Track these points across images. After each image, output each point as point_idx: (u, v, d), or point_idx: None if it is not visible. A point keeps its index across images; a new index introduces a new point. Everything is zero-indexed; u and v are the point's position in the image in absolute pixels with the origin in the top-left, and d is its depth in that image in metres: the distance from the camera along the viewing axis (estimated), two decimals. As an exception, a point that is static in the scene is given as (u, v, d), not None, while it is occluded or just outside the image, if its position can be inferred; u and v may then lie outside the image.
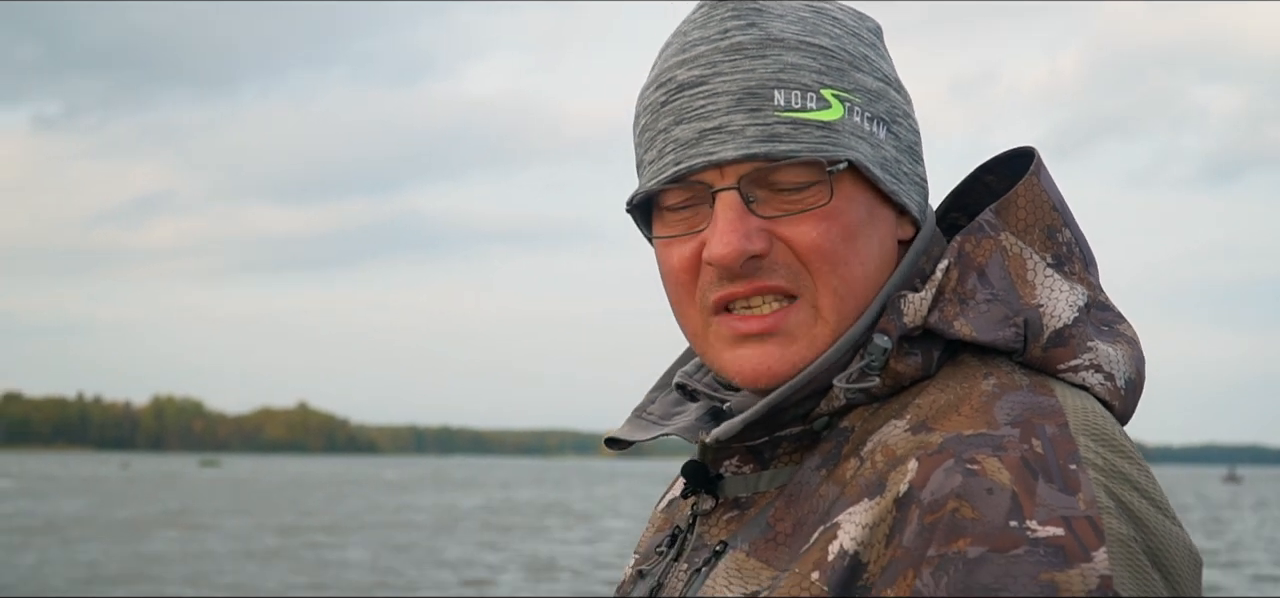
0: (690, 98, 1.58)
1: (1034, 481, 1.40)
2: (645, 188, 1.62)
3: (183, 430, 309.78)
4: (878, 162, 1.61)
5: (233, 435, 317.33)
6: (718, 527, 1.63)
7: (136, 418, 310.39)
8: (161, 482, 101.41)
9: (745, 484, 1.63)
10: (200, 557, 34.50)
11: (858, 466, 1.52)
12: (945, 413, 1.50)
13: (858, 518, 1.46)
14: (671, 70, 1.61)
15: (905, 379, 1.57)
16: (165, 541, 39.75)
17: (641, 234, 1.71)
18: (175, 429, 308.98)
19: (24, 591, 26.83)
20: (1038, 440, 1.44)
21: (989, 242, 1.60)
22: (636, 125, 1.66)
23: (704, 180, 1.58)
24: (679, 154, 1.58)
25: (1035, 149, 1.68)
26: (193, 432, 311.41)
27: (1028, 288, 1.59)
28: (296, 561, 33.80)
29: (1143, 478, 1.48)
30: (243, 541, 40.23)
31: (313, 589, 27.86)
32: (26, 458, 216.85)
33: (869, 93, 1.62)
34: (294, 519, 51.09)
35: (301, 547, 38.19)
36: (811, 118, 1.57)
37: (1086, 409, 1.51)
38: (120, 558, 33.70)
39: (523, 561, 35.13)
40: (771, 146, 1.55)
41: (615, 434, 1.76)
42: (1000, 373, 1.54)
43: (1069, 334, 1.57)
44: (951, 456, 1.44)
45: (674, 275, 1.62)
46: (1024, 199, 1.62)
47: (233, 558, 34.22)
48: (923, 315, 1.56)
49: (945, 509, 1.40)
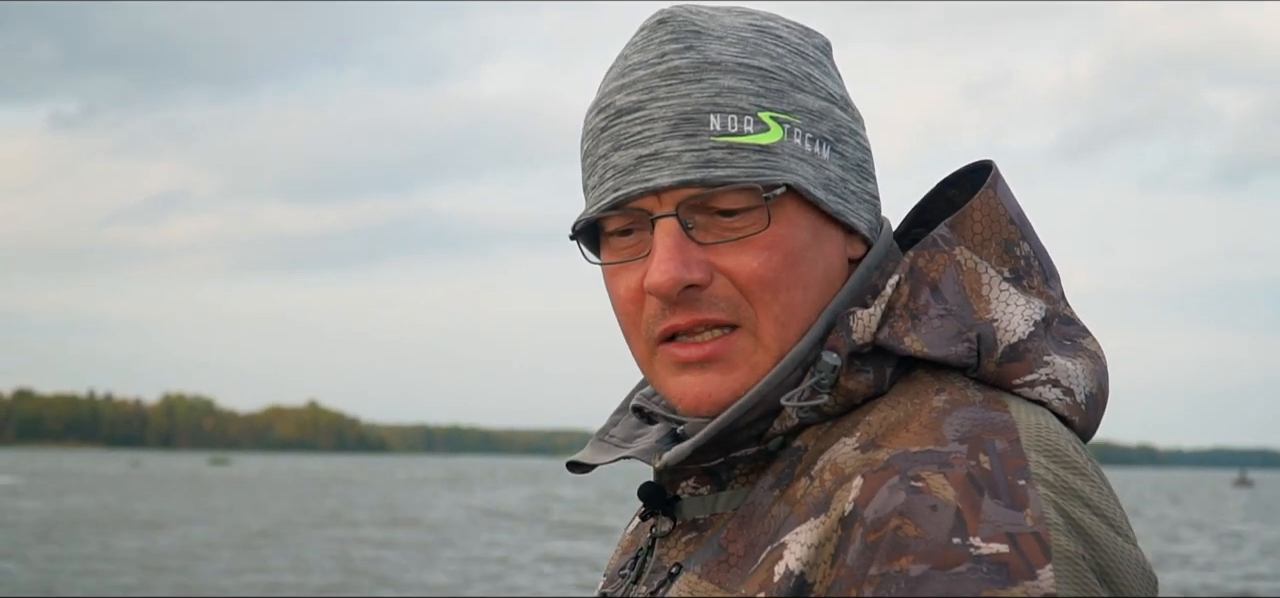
0: (628, 123, 1.58)
1: (980, 497, 1.39)
2: (586, 215, 1.62)
3: (193, 428, 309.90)
4: (820, 183, 1.59)
5: (243, 434, 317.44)
6: (676, 548, 1.63)
7: (147, 416, 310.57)
8: (186, 480, 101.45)
9: (703, 506, 1.62)
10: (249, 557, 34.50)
11: (808, 484, 1.50)
12: (894, 430, 1.49)
13: (804, 538, 1.45)
14: (611, 95, 1.61)
15: (857, 397, 1.55)
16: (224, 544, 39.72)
17: (586, 260, 1.69)
18: (186, 427, 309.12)
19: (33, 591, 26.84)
20: (986, 456, 1.43)
21: (942, 256, 1.58)
22: (581, 148, 1.66)
23: (643, 207, 1.57)
24: (617, 180, 1.57)
25: (993, 162, 1.66)
26: (203, 430, 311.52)
27: (982, 303, 1.57)
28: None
29: (1096, 495, 1.47)
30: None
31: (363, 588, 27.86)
32: (37, 455, 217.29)
33: (810, 113, 1.60)
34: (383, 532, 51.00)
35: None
36: (748, 142, 1.55)
37: (1040, 425, 1.49)
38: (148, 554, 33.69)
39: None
40: (707, 172, 1.54)
41: (577, 458, 1.75)
42: (953, 389, 1.52)
43: (1025, 349, 1.56)
44: (896, 473, 1.42)
45: (620, 303, 1.62)
46: (980, 213, 1.61)
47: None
48: (872, 332, 1.54)
49: (888, 527, 1.39)
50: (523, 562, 34.63)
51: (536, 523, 51.41)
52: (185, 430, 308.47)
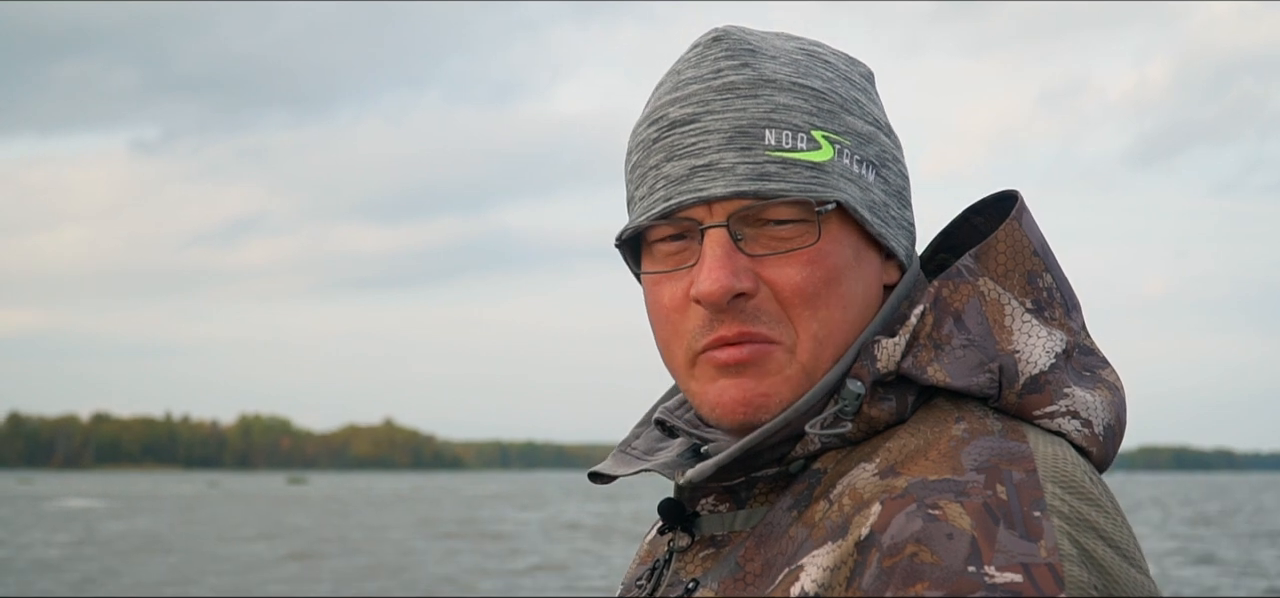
0: (681, 135, 1.60)
1: (995, 526, 1.40)
2: (635, 223, 1.63)
3: (270, 449, 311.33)
4: (866, 204, 1.61)
5: (320, 453, 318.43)
6: (693, 564, 1.65)
7: (224, 437, 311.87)
8: (282, 501, 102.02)
9: (721, 523, 1.64)
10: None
11: (826, 508, 1.52)
12: (913, 457, 1.50)
13: (820, 561, 1.47)
14: (664, 108, 1.63)
15: (879, 424, 1.57)
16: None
17: (629, 269, 1.72)
18: (262, 447, 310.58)
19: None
20: (1002, 486, 1.44)
21: (966, 287, 1.60)
22: (628, 161, 1.68)
23: (693, 217, 1.59)
24: (669, 190, 1.59)
25: (1018, 192, 1.68)
26: (280, 450, 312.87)
27: (1005, 334, 1.59)
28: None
29: (1110, 527, 1.48)
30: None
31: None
32: (115, 477, 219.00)
33: (859, 136, 1.63)
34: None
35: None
36: (802, 158, 1.58)
37: (1057, 457, 1.51)
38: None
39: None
40: (761, 184, 1.56)
41: (599, 469, 1.77)
42: (972, 418, 1.55)
43: (1045, 380, 1.58)
44: (914, 500, 1.43)
45: (663, 312, 1.64)
46: (1004, 244, 1.63)
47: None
48: (896, 361, 1.57)
49: (904, 553, 1.40)
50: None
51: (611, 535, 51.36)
52: (262, 451, 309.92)
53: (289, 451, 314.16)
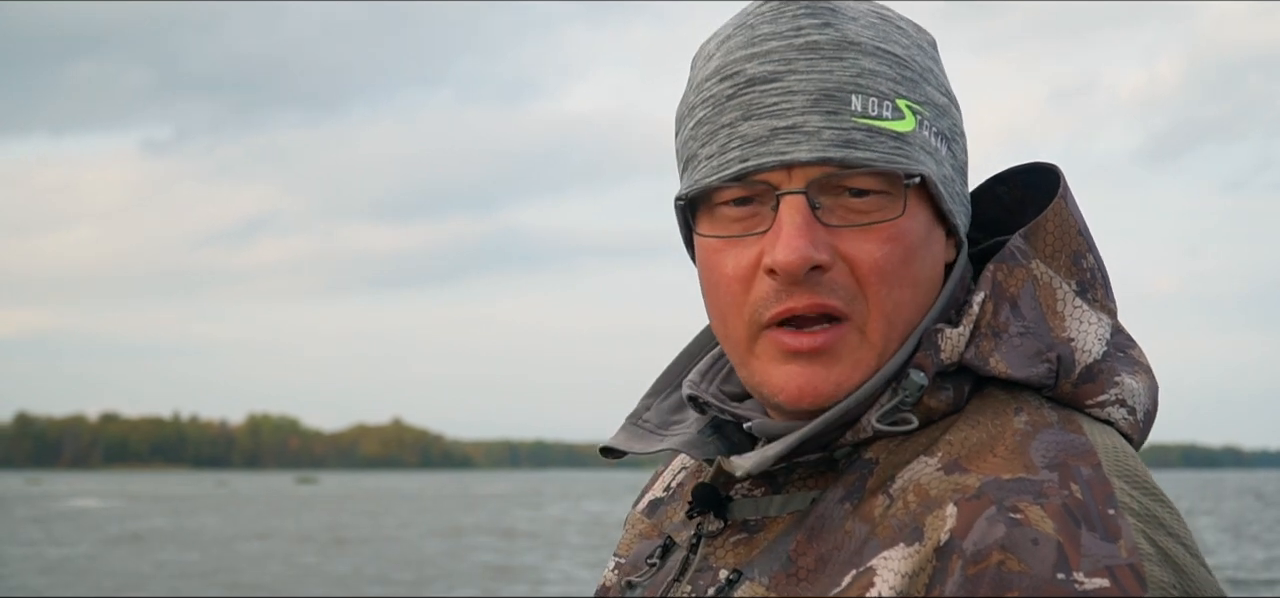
0: (761, 93, 1.52)
1: (1077, 529, 1.37)
2: (704, 182, 1.55)
3: (278, 448, 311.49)
4: (941, 178, 1.56)
5: (328, 452, 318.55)
6: (725, 550, 1.57)
7: (232, 436, 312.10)
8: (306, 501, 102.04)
9: (755, 507, 1.57)
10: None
11: (887, 504, 1.47)
12: (979, 453, 1.46)
13: (895, 565, 1.42)
14: (739, 63, 1.54)
15: (936, 414, 1.53)
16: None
17: (681, 233, 1.65)
18: (271, 447, 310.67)
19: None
20: (1076, 484, 1.41)
21: (1021, 271, 1.56)
22: (690, 117, 1.59)
23: (769, 181, 1.52)
24: (746, 150, 1.51)
25: (1058, 168, 1.63)
26: (288, 449, 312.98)
27: (1058, 320, 1.56)
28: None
29: (1175, 522, 1.46)
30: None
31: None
32: (124, 477, 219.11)
33: (937, 107, 1.58)
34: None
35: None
36: (888, 127, 1.52)
37: (1115, 449, 1.48)
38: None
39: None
40: (847, 152, 1.50)
41: (611, 443, 1.70)
42: (1030, 409, 1.51)
43: (1099, 370, 1.55)
44: (992, 503, 1.40)
45: (725, 281, 1.55)
46: (1053, 224, 1.58)
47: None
48: (959, 352, 1.52)
49: (990, 561, 1.36)
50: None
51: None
52: (271, 450, 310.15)
53: (297, 450, 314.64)
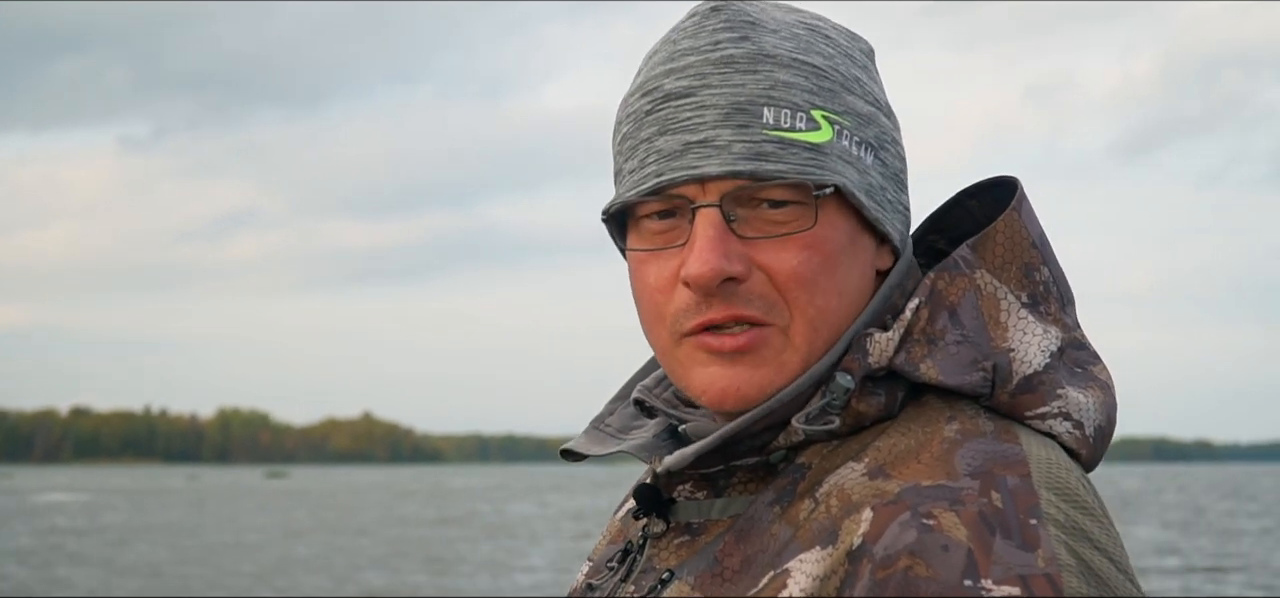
0: (676, 108, 1.54)
1: (991, 536, 1.36)
2: (623, 198, 1.57)
3: (249, 443, 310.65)
4: (863, 188, 1.56)
5: (299, 447, 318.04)
6: (668, 552, 1.59)
7: (202, 431, 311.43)
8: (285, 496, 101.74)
9: (698, 510, 1.59)
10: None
11: (812, 507, 1.48)
12: (904, 459, 1.46)
13: (809, 568, 1.42)
14: (659, 79, 1.57)
15: (867, 419, 1.52)
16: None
17: (614, 244, 1.66)
18: (241, 441, 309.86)
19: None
20: (997, 493, 1.40)
21: (963, 279, 1.56)
22: (617, 132, 1.62)
23: (685, 195, 1.53)
24: (661, 165, 1.54)
25: (1018, 180, 1.64)
26: (259, 444, 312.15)
27: (1000, 330, 1.55)
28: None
29: (1104, 536, 1.45)
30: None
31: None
32: (94, 472, 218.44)
33: (859, 116, 1.58)
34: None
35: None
36: (800, 138, 1.52)
37: (1051, 461, 1.47)
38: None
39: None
40: (758, 165, 1.50)
41: (571, 446, 1.72)
42: (964, 418, 1.50)
43: (1038, 381, 1.54)
44: (907, 508, 1.39)
45: (648, 292, 1.58)
46: (1003, 235, 1.58)
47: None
48: (888, 356, 1.52)
49: (898, 566, 1.36)
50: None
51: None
52: (241, 445, 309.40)
53: (268, 445, 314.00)
